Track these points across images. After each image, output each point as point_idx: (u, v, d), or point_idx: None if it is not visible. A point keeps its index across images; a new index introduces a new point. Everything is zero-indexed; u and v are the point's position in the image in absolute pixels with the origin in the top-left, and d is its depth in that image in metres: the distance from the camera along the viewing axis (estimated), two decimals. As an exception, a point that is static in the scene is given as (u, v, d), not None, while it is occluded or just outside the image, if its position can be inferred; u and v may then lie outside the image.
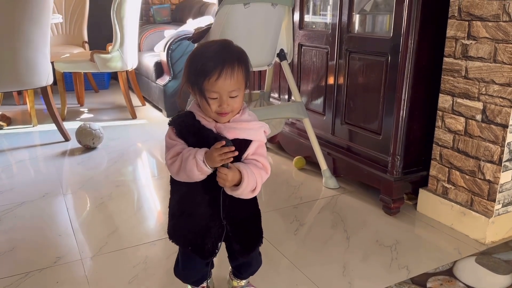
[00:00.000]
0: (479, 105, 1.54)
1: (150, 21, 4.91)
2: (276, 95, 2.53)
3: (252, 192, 1.00)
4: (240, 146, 1.00)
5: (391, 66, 1.74)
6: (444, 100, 1.67)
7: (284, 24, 2.08)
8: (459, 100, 1.61)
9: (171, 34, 3.46)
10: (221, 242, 1.08)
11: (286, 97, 2.44)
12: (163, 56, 3.31)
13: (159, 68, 3.46)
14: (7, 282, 1.35)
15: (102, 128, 2.66)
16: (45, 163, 2.42)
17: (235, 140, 0.98)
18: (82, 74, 3.73)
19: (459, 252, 1.53)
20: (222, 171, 0.95)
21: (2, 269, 1.42)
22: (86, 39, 4.22)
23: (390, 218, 1.78)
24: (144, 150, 2.70)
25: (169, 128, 1.02)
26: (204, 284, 1.20)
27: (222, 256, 1.16)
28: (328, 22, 2.11)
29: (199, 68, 0.94)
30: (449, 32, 1.61)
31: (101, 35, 4.24)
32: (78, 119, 3.34)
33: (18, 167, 2.37)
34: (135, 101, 3.78)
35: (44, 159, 2.48)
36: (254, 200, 1.11)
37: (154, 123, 3.31)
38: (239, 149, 0.98)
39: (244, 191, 0.98)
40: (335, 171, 2.11)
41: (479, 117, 1.55)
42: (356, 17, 1.96)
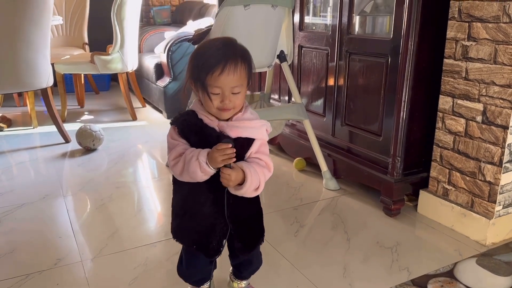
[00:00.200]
0: (480, 106, 1.54)
1: (150, 22, 4.92)
2: (276, 96, 2.53)
3: (255, 191, 1.01)
4: (243, 145, 1.00)
5: (391, 68, 1.74)
6: (444, 102, 1.67)
7: (284, 25, 2.08)
8: (460, 101, 1.61)
9: (171, 35, 3.46)
10: (226, 240, 1.08)
11: (286, 98, 2.44)
12: (163, 58, 3.31)
13: (159, 70, 3.47)
14: (7, 284, 1.35)
15: (102, 130, 2.66)
16: (45, 164, 2.42)
17: (238, 139, 0.99)
18: (82, 75, 3.74)
19: (459, 254, 1.53)
20: (225, 171, 0.95)
21: (2, 271, 1.42)
22: (87, 40, 4.22)
23: (390, 220, 1.78)
24: (144, 151, 2.70)
25: (171, 128, 1.02)
26: (206, 286, 1.20)
27: (223, 257, 1.16)
28: (328, 23, 2.11)
29: (202, 63, 0.95)
30: (449, 33, 1.61)
31: (101, 37, 4.23)
32: (79, 121, 3.34)
33: (18, 168, 2.37)
34: (136, 102, 3.78)
35: (44, 161, 2.48)
36: (257, 199, 1.11)
37: (155, 124, 3.31)
38: (242, 147, 0.99)
39: (248, 190, 0.98)
40: (336, 173, 2.11)
41: (479, 118, 1.55)
42: (356, 18, 1.96)
